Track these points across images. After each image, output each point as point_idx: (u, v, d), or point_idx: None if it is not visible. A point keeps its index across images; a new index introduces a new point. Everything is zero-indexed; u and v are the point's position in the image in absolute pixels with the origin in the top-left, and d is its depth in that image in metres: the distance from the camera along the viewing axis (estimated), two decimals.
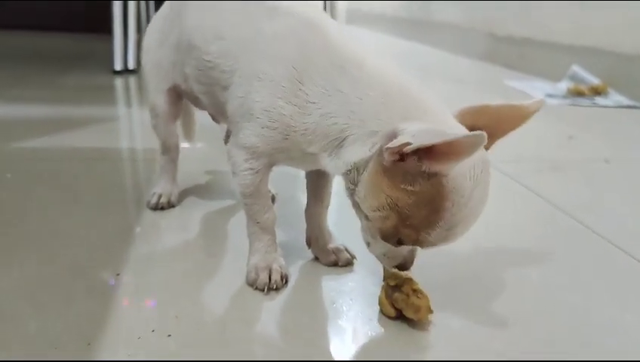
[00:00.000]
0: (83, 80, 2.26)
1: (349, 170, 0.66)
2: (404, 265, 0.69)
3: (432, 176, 0.58)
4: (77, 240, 0.86)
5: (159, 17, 0.96)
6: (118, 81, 2.23)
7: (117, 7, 2.32)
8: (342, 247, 0.83)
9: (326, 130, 0.67)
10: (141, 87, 2.00)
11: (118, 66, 2.30)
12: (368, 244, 0.69)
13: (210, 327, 0.67)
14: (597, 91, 2.45)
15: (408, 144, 0.55)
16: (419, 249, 0.69)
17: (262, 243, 0.77)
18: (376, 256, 0.70)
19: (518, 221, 1.08)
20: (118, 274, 0.77)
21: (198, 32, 0.80)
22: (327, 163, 0.69)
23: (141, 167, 1.09)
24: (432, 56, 4.03)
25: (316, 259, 0.84)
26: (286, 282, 0.76)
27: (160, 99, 0.95)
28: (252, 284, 0.75)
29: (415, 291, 0.68)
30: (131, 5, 2.38)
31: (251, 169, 0.73)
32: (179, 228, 0.95)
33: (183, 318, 0.68)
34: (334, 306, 0.72)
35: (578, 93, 2.44)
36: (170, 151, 1.02)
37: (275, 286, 0.74)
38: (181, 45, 0.85)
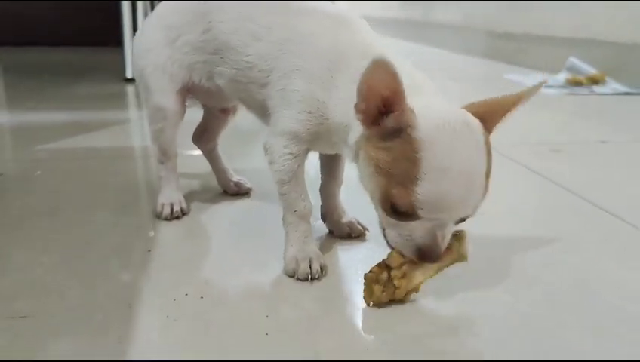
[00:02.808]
0: (96, 89, 2.34)
1: (355, 154, 0.70)
2: (426, 250, 0.64)
3: (402, 130, 0.61)
4: (108, 226, 0.93)
5: (160, 18, 0.94)
6: (129, 89, 2.31)
7: (127, 20, 2.42)
8: (355, 221, 0.90)
9: (342, 117, 0.72)
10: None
11: (129, 74, 2.39)
12: (386, 237, 0.68)
13: (238, 289, 0.74)
14: (595, 80, 2.51)
15: None
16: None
17: (299, 233, 0.79)
18: (395, 245, 0.67)
19: (519, 198, 1.14)
20: (149, 251, 0.83)
21: (235, 35, 0.83)
22: (345, 153, 0.75)
23: (154, 162, 1.15)
24: (433, 56, 4.10)
25: (330, 232, 0.90)
26: (325, 272, 0.77)
27: (169, 100, 0.92)
28: (292, 275, 0.76)
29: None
30: (140, 18, 2.47)
31: (290, 154, 0.77)
32: (194, 212, 1.00)
33: (213, 283, 0.75)
34: (350, 272, 0.79)
35: (576, 83, 2.50)
36: (170, 159, 0.99)
37: (317, 276, 0.75)
38: (210, 46, 0.86)
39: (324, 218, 0.91)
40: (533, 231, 0.95)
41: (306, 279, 0.75)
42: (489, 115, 0.66)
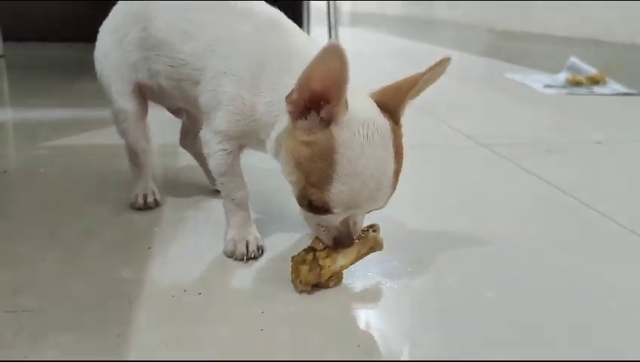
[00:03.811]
0: (97, 85, 2.36)
1: (276, 149, 0.74)
2: (341, 238, 0.71)
3: (326, 126, 0.65)
4: (109, 223, 0.96)
5: (110, 22, 0.97)
6: None
7: None
8: None
9: (268, 117, 0.76)
10: None
11: None
12: (306, 220, 0.75)
13: (234, 287, 0.76)
14: (595, 81, 2.52)
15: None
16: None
17: (237, 218, 0.84)
18: (315, 231, 0.74)
19: (510, 196, 1.16)
20: (149, 248, 0.86)
21: (171, 32, 0.85)
22: (268, 148, 0.77)
23: (156, 160, 1.17)
24: (434, 54, 4.10)
25: None
26: (262, 252, 0.83)
27: (127, 101, 0.94)
28: (231, 256, 0.82)
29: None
30: None
31: (224, 150, 0.81)
32: (196, 209, 1.03)
33: (210, 281, 0.77)
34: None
35: (576, 83, 2.52)
36: (139, 155, 1.01)
37: (253, 256, 0.82)
38: (147, 42, 0.88)
39: None
40: (522, 229, 0.97)
41: (242, 259, 0.81)
42: (393, 101, 0.70)
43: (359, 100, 0.68)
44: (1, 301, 0.70)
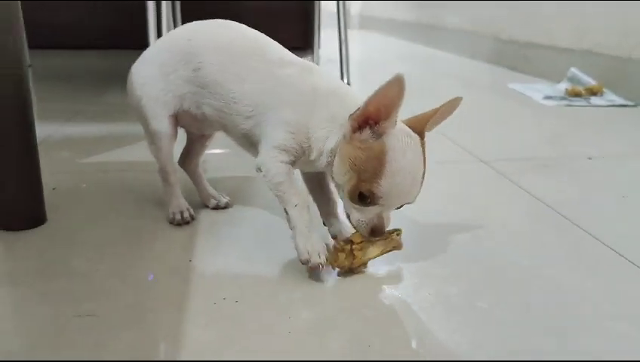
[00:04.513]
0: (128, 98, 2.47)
1: (330, 159, 0.92)
2: (376, 229, 0.90)
3: (379, 137, 0.85)
4: (152, 235, 1.09)
5: (152, 56, 1.11)
6: None
7: (152, 21, 2.47)
8: None
9: (319, 134, 0.94)
10: None
11: None
12: (349, 217, 0.92)
13: (266, 295, 0.89)
14: (593, 92, 2.63)
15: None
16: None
17: (303, 225, 0.93)
18: (355, 225, 0.91)
19: (505, 214, 1.28)
20: (190, 261, 0.99)
21: (222, 74, 1.02)
22: (319, 163, 0.96)
23: (182, 175, 1.25)
24: (440, 59, 4.22)
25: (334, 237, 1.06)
26: (326, 259, 0.94)
27: (164, 124, 1.09)
28: (306, 263, 0.92)
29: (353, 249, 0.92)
30: (164, 19, 2.54)
31: (281, 161, 0.95)
32: (227, 224, 1.16)
33: (245, 289, 0.90)
34: (360, 276, 0.94)
35: (575, 94, 2.62)
36: (170, 175, 1.15)
37: (325, 265, 0.92)
38: (199, 81, 1.04)
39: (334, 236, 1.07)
40: (512, 245, 1.09)
41: (317, 268, 0.92)
42: (418, 125, 0.90)
43: (397, 120, 0.88)
44: (67, 306, 0.83)
